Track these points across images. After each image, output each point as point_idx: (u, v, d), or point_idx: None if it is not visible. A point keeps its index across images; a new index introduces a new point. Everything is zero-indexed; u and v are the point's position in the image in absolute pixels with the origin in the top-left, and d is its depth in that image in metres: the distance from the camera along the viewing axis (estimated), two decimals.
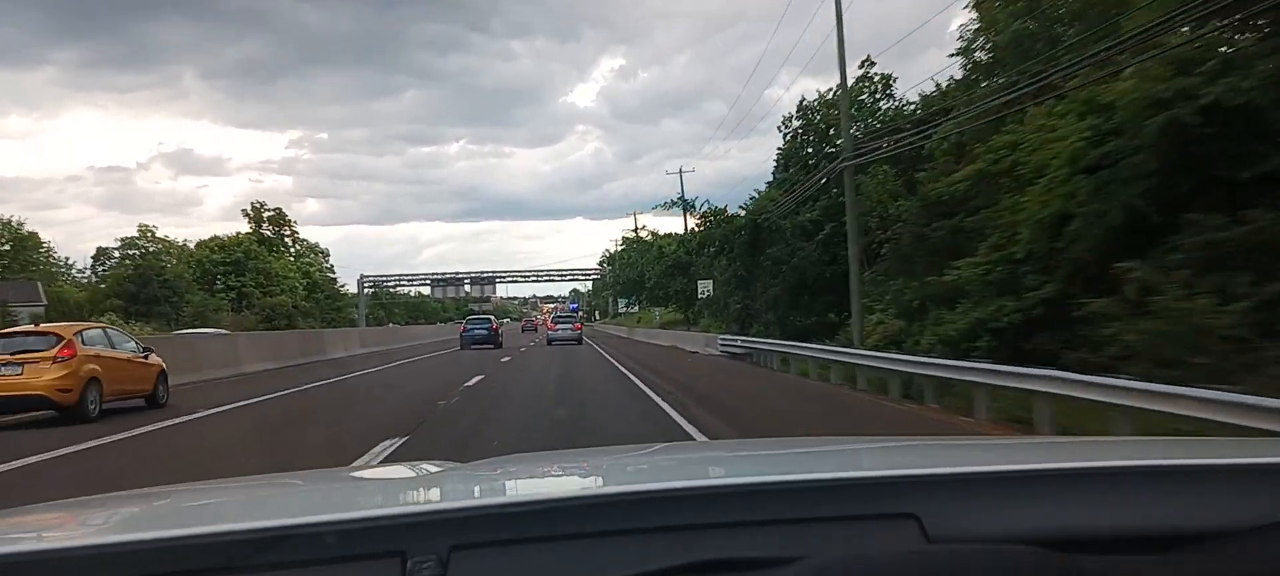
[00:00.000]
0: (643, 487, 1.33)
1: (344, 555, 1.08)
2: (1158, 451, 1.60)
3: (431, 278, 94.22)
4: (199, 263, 65.51)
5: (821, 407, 14.83)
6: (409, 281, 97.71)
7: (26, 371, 12.29)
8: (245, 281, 65.72)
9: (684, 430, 10.93)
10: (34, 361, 12.38)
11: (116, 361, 13.63)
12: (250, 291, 65.17)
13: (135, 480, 6.74)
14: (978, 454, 1.84)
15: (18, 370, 12.30)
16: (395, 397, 16.72)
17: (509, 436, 10.49)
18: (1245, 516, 1.16)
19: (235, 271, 66.12)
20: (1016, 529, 1.13)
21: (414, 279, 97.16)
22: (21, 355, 12.49)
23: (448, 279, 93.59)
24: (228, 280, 65.50)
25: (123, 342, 14.63)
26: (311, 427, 12.22)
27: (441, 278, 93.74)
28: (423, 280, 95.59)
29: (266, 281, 67.43)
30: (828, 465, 1.67)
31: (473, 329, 39.85)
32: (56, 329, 13.53)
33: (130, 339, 15.54)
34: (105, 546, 1.14)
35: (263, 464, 7.75)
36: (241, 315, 63.43)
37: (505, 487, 1.68)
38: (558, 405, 14.64)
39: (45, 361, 12.40)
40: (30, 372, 12.28)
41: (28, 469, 8.75)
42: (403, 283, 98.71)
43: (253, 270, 66.88)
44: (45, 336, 13.03)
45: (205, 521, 1.35)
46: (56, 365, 12.40)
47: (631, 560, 1.07)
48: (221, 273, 65.73)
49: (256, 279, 66.53)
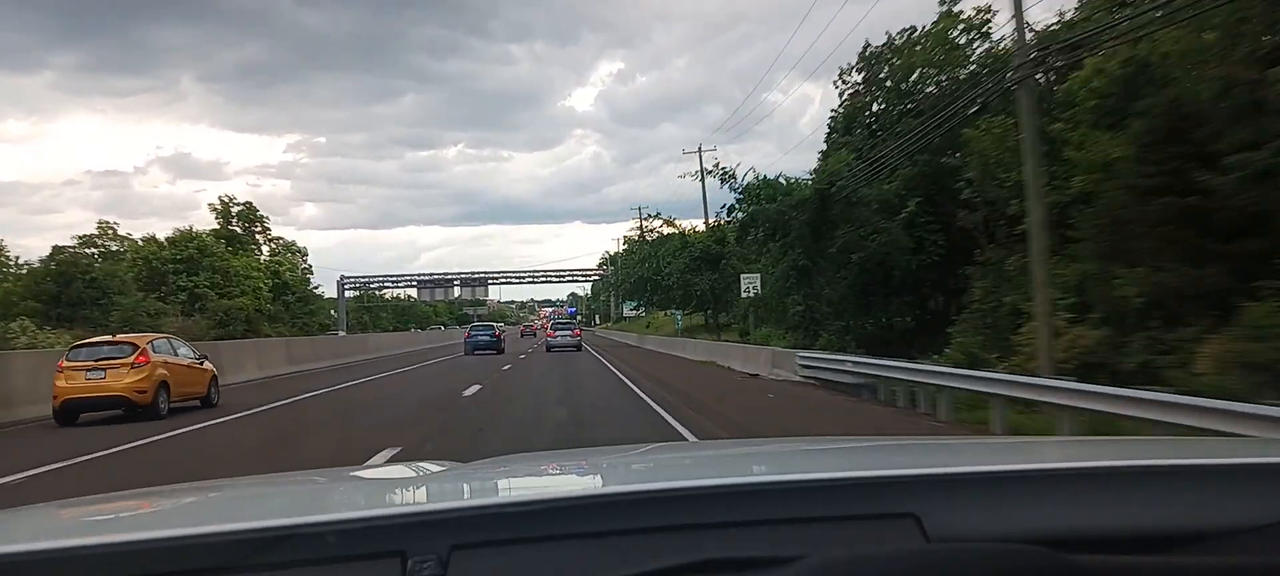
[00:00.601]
0: (643, 487, 1.33)
1: (344, 555, 1.07)
2: (1157, 451, 1.62)
3: (418, 279, 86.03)
4: (146, 260, 57.24)
5: None
6: (394, 283, 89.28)
7: (109, 376, 13.95)
8: (199, 281, 57.40)
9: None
10: (114, 367, 14.04)
11: (179, 367, 15.23)
12: (205, 292, 56.84)
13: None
14: (977, 454, 1.83)
15: (102, 375, 13.96)
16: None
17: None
18: (1245, 516, 1.15)
19: (188, 271, 57.80)
20: (1016, 528, 1.13)
21: (399, 280, 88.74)
22: (104, 362, 14.08)
23: (436, 280, 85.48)
24: (179, 280, 57.20)
25: (183, 350, 16.10)
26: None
27: (429, 279, 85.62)
28: (409, 281, 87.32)
29: (224, 282, 59.10)
30: (828, 465, 1.66)
31: (477, 336, 41.27)
32: (132, 339, 15.11)
33: (188, 347, 16.80)
34: (105, 546, 1.11)
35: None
36: (192, 320, 55.38)
37: (505, 487, 1.67)
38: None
39: (124, 367, 14.05)
40: (112, 377, 13.94)
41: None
42: (387, 285, 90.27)
43: (208, 269, 58.55)
44: (122, 345, 14.56)
45: (206, 521, 1.35)
46: (133, 370, 14.08)
47: (632, 560, 1.06)
48: (172, 272, 57.42)
49: (212, 279, 58.21)
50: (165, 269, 57.54)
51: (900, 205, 25.16)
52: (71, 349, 14.91)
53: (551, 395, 17.19)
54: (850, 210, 23.78)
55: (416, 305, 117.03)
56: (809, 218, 24.20)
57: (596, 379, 22.55)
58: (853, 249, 24.54)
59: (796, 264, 25.02)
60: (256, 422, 14.04)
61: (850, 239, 24.29)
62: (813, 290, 24.87)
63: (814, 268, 24.76)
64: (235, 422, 13.84)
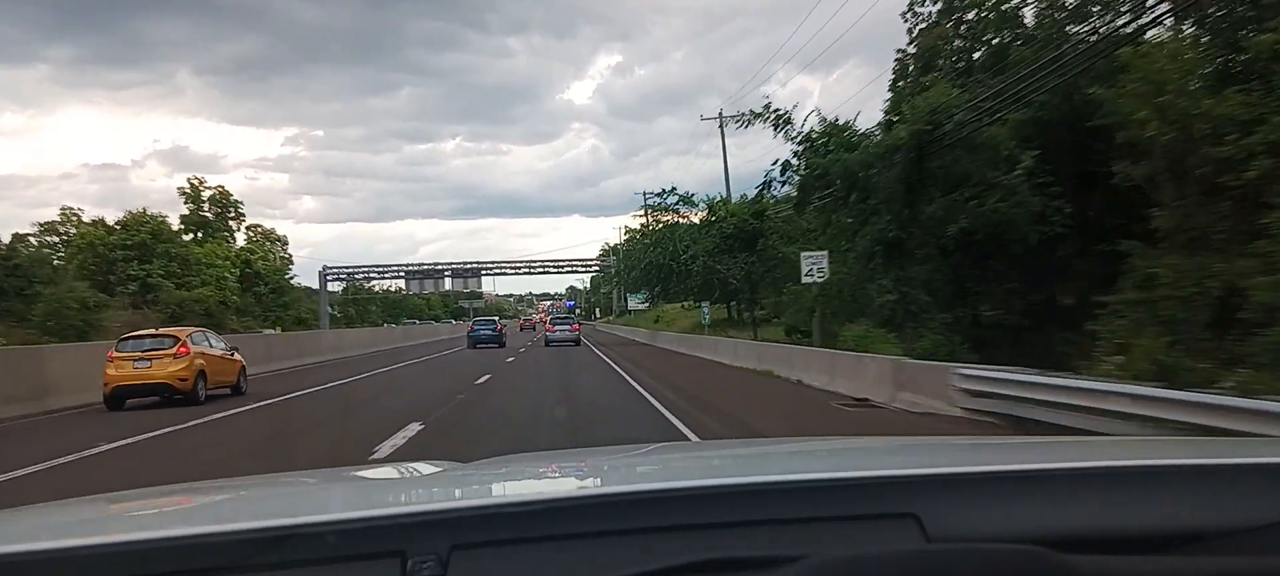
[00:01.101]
0: (643, 487, 1.32)
1: (344, 555, 1.06)
2: (1157, 451, 1.62)
3: (406, 270, 79.20)
4: (90, 246, 50.73)
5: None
6: (380, 274, 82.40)
7: (154, 365, 15.07)
8: (152, 270, 50.90)
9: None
10: (159, 357, 15.15)
11: (214, 357, 16.39)
12: (159, 282, 50.33)
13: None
14: (978, 454, 1.81)
15: (148, 364, 15.08)
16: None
17: None
18: (1245, 516, 1.14)
19: (140, 257, 51.30)
20: (1016, 528, 1.12)
21: (386, 271, 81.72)
22: (150, 353, 15.22)
23: (426, 271, 78.80)
24: (130, 268, 50.72)
25: (216, 342, 17.22)
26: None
27: (418, 270, 78.90)
28: (396, 272, 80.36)
29: (183, 270, 52.57)
30: (828, 465, 1.64)
31: (479, 330, 42.24)
32: (173, 332, 16.53)
33: (220, 339, 17.95)
34: (106, 546, 1.10)
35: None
36: (141, 313, 48.89)
37: (505, 488, 1.67)
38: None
39: (167, 357, 15.15)
40: (156, 366, 15.06)
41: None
42: (373, 276, 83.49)
43: (164, 256, 52.03)
44: (164, 338, 15.82)
45: (206, 521, 1.34)
46: (176, 360, 15.17)
47: (632, 560, 1.05)
48: (122, 259, 50.95)
49: (167, 266, 51.69)
50: (114, 255, 51.05)
51: (1012, 161, 18.71)
52: (119, 342, 15.96)
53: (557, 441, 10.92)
54: (957, 163, 17.24)
55: (408, 298, 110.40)
56: (901, 174, 17.64)
57: (611, 396, 16.07)
58: (954, 217, 18.03)
59: (884, 235, 18.38)
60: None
61: (952, 204, 17.78)
62: (904, 272, 18.30)
63: (907, 241, 18.23)
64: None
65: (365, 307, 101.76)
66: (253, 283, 63.17)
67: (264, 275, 64.57)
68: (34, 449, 10.07)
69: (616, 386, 17.42)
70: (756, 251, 28.34)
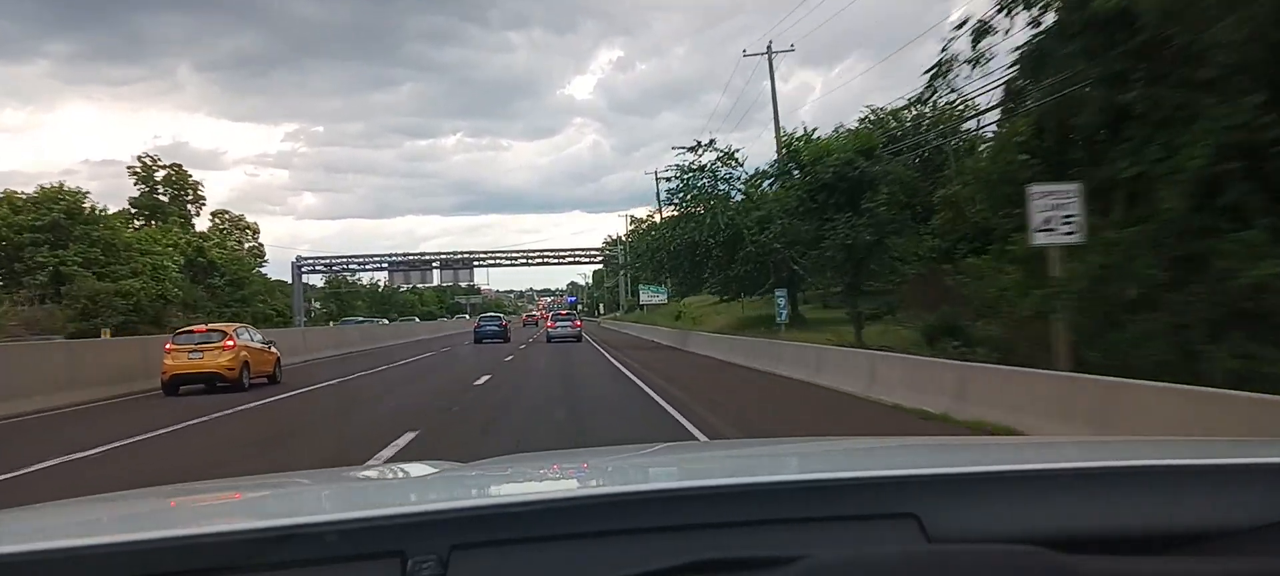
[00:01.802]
0: (643, 487, 1.32)
1: (345, 555, 1.06)
2: (1158, 451, 1.60)
3: (390, 260, 69.96)
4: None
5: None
6: (361, 264, 73.08)
7: (206, 356, 17.43)
8: (67, 256, 41.78)
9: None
10: (210, 350, 17.51)
11: (256, 350, 18.86)
12: (74, 271, 41.16)
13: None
14: (978, 454, 1.80)
15: (200, 356, 17.43)
16: None
17: None
18: (1245, 516, 1.14)
19: (53, 242, 42.19)
20: (1016, 529, 1.11)
21: (367, 261, 72.35)
22: (202, 346, 17.58)
23: (411, 261, 69.62)
24: (40, 254, 41.64)
25: (255, 336, 19.78)
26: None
27: (403, 260, 69.68)
28: (378, 263, 71.03)
29: (107, 258, 43.39)
30: (828, 465, 1.63)
31: (485, 326, 44.84)
32: (221, 327, 19.05)
33: (259, 334, 20.65)
34: (107, 546, 1.09)
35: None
36: (46, 309, 39.73)
37: (505, 488, 1.66)
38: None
39: (217, 350, 17.51)
40: (208, 357, 17.42)
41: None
42: (354, 266, 74.23)
43: (83, 240, 42.91)
44: (213, 332, 18.31)
45: (207, 521, 1.35)
46: (226, 352, 17.55)
47: (632, 560, 1.05)
48: (31, 243, 41.87)
49: (88, 253, 42.54)
50: (21, 239, 41.92)
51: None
52: (175, 335, 18.57)
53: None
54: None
55: (398, 293, 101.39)
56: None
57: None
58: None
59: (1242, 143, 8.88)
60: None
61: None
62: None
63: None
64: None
65: (349, 303, 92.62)
66: (207, 274, 54.06)
67: (219, 265, 55.40)
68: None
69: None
70: (862, 211, 19.07)
